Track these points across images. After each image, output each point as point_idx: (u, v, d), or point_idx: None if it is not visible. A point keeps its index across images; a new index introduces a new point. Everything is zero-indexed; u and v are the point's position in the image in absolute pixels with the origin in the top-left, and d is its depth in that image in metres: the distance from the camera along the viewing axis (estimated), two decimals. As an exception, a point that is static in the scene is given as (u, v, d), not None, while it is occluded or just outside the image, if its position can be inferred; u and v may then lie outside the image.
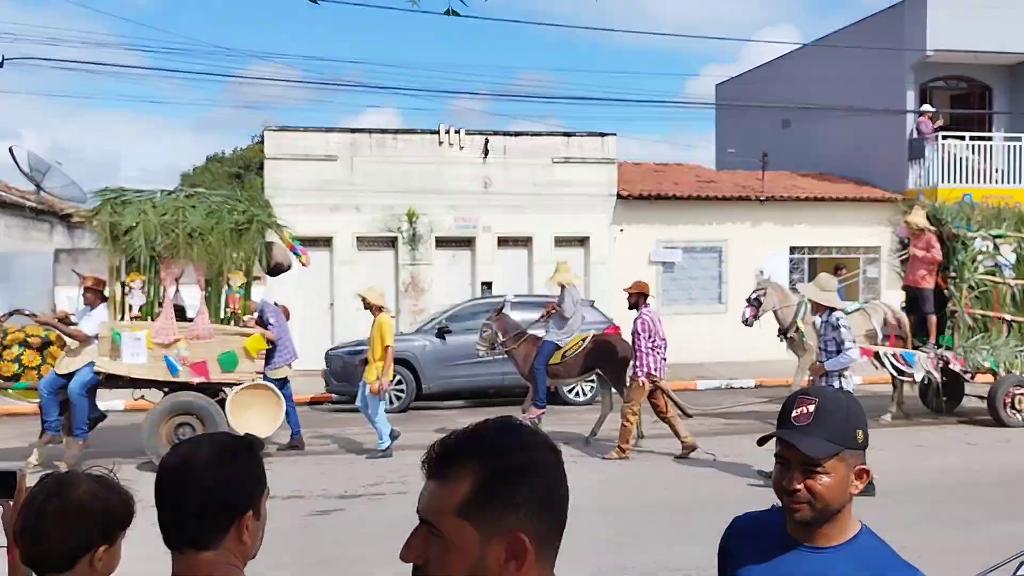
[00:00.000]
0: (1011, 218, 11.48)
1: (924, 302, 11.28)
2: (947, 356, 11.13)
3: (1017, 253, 11.38)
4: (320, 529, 6.92)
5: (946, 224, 11.19)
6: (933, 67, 18.59)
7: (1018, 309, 11.39)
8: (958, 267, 11.14)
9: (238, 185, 38.26)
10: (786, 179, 19.67)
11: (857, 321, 11.47)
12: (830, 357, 7.97)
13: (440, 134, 16.78)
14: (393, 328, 9.91)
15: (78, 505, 1.83)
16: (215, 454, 1.70)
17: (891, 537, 5.45)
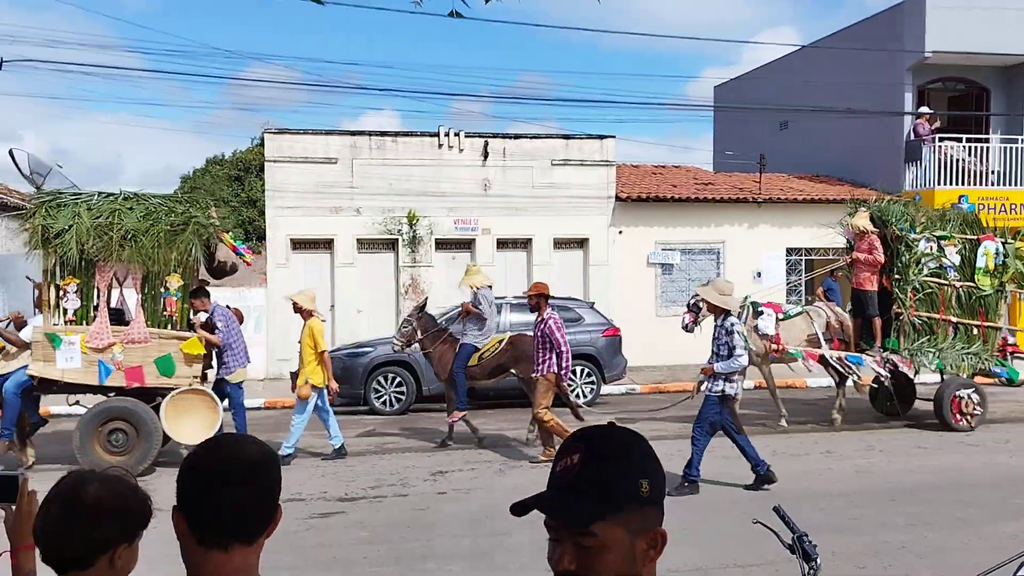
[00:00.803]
0: (955, 219, 11.35)
1: (868, 304, 11.18)
2: (892, 359, 11.03)
3: (962, 255, 11.20)
4: (321, 531, 6.95)
5: (890, 226, 11.08)
6: (930, 69, 18.65)
7: (963, 311, 11.22)
8: (902, 269, 11.00)
9: (238, 187, 38.27)
10: (783, 181, 19.72)
11: (799, 325, 11.51)
12: (721, 360, 7.98)
13: (439, 136, 16.83)
14: (325, 332, 9.75)
15: (100, 504, 1.84)
16: (263, 453, 1.74)
17: (890, 538, 5.55)
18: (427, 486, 8.42)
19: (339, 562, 6.21)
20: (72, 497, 1.85)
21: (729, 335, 7.99)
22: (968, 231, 11.31)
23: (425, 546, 6.56)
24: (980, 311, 11.25)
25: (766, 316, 11.26)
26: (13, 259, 16.01)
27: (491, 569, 6.05)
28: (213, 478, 1.67)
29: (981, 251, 11.13)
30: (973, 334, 11.24)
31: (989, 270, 11.16)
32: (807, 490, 8.11)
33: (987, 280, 11.17)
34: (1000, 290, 11.30)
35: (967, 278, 11.19)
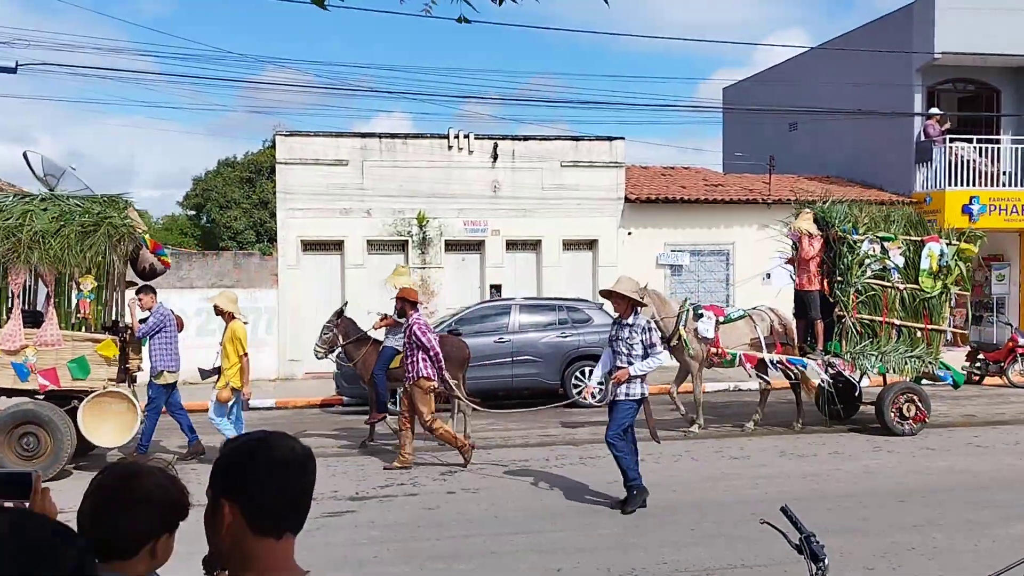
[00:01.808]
0: (900, 220, 11.15)
1: (810, 306, 11.07)
2: (834, 362, 10.86)
3: (906, 256, 11.01)
4: (331, 530, 7.00)
5: (833, 227, 10.92)
6: (941, 70, 18.59)
7: (908, 314, 11.03)
8: (844, 271, 10.82)
9: (249, 189, 38.43)
10: (793, 182, 19.68)
11: (742, 328, 11.32)
12: (633, 361, 7.48)
13: (449, 138, 16.88)
14: (247, 335, 9.48)
15: (145, 494, 1.90)
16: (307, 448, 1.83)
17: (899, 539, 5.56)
18: (437, 485, 8.47)
19: (349, 561, 6.25)
20: (119, 489, 1.91)
21: (646, 332, 7.50)
22: (912, 232, 11.11)
23: (435, 545, 6.60)
24: (924, 314, 11.06)
25: (706, 319, 11.09)
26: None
27: (500, 569, 6.09)
28: (276, 469, 1.75)
29: (925, 253, 10.92)
30: (917, 337, 11.04)
31: (933, 272, 10.94)
32: (815, 491, 8.12)
33: (931, 282, 10.95)
34: (944, 292, 11.06)
35: (911, 280, 10.98)
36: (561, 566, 6.09)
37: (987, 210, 17.61)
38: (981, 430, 11.25)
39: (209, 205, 38.75)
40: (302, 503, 1.78)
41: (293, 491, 1.76)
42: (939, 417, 12.19)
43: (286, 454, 1.77)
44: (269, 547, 1.73)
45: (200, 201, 39.85)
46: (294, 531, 1.77)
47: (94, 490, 1.93)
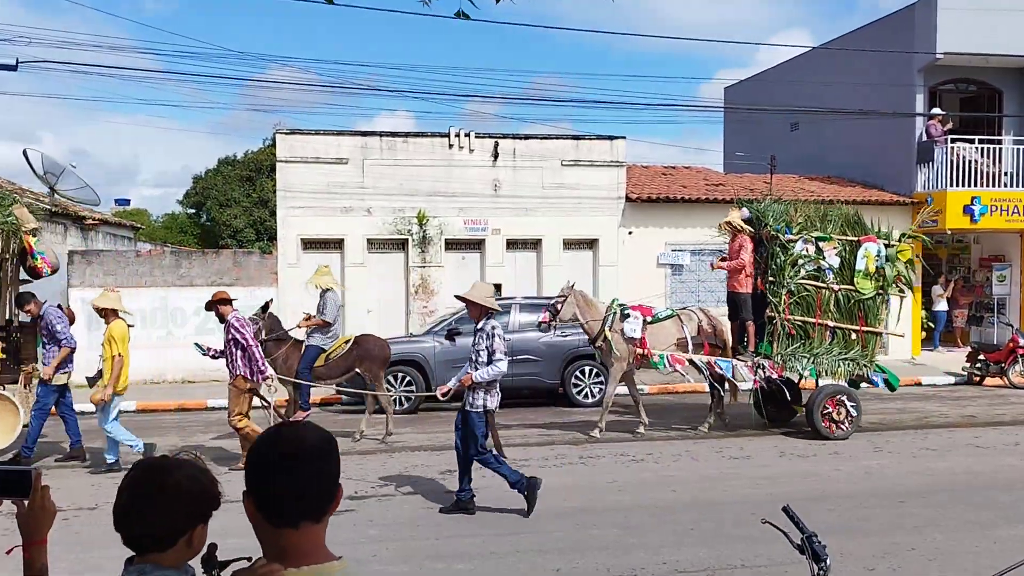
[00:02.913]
0: (836, 220, 10.88)
1: (742, 307, 10.86)
2: (764, 364, 10.62)
3: (841, 257, 10.72)
4: (330, 529, 6.93)
5: (766, 226, 10.70)
6: (943, 70, 18.56)
7: (843, 315, 10.73)
8: (777, 271, 10.57)
9: (249, 188, 38.41)
10: (794, 182, 19.67)
11: (669, 329, 11.05)
12: (480, 367, 7.35)
13: (450, 137, 16.86)
14: (128, 336, 9.16)
15: (179, 487, 1.95)
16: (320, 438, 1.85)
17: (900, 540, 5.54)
18: (436, 485, 8.45)
19: (348, 560, 6.22)
20: (154, 483, 1.95)
21: (490, 339, 7.36)
22: (849, 232, 10.84)
23: (434, 545, 6.58)
24: (859, 315, 10.78)
25: (632, 319, 10.81)
26: (27, 258, 16.13)
27: (499, 568, 6.07)
28: (275, 465, 1.79)
29: (861, 253, 10.68)
30: (851, 339, 10.76)
31: (870, 273, 10.69)
32: (816, 491, 8.10)
33: (867, 283, 10.70)
34: (881, 294, 10.84)
35: (847, 281, 10.71)
36: (560, 566, 6.07)
37: (988, 211, 17.58)
38: (982, 431, 11.23)
39: (209, 203, 38.74)
40: (314, 492, 1.79)
41: (300, 482, 1.77)
42: (939, 418, 12.18)
43: (292, 447, 1.80)
44: (288, 536, 1.78)
45: (200, 199, 39.84)
46: (314, 519, 1.79)
47: (127, 486, 1.97)
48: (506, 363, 7.44)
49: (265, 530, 1.79)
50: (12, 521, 2.21)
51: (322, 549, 1.82)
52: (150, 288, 15.87)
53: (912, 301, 18.64)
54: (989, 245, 20.41)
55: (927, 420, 12.03)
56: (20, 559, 2.06)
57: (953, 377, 15.83)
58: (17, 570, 2.10)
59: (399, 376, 13.16)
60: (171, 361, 15.63)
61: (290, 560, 1.77)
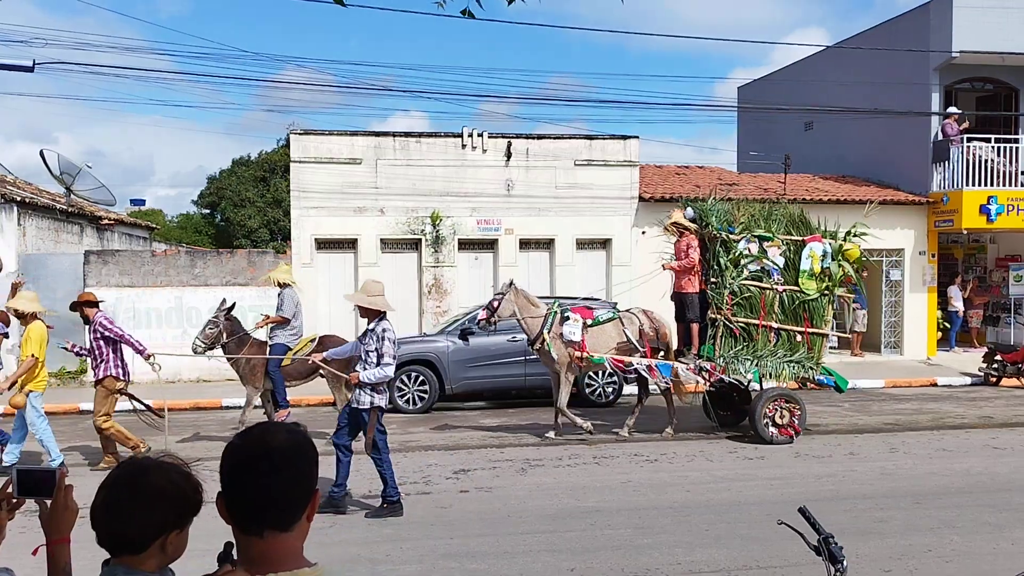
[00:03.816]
0: (781, 219, 10.64)
1: (688, 308, 10.64)
2: (706, 366, 10.39)
3: (786, 256, 10.49)
4: (344, 528, 7.01)
5: (707, 226, 10.47)
6: (958, 69, 18.43)
7: (787, 316, 10.49)
8: (719, 271, 10.36)
9: (263, 188, 38.56)
10: (809, 182, 19.58)
11: (609, 331, 10.77)
12: (369, 368, 7.30)
13: (463, 137, 16.88)
14: (46, 338, 9.03)
15: (156, 490, 1.90)
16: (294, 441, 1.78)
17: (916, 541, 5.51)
18: (449, 484, 8.46)
19: (363, 559, 6.25)
20: (132, 484, 1.91)
21: (380, 341, 7.30)
22: (794, 231, 10.63)
23: (447, 544, 6.59)
24: (805, 316, 10.55)
25: (572, 322, 10.55)
26: (44, 258, 16.27)
27: (513, 568, 6.07)
28: (242, 467, 1.73)
29: (806, 253, 10.46)
30: (797, 341, 10.53)
31: (815, 273, 10.47)
32: (832, 492, 8.06)
33: (813, 283, 10.47)
34: (827, 294, 10.59)
35: (791, 281, 10.50)
36: (574, 566, 6.06)
37: (1005, 210, 17.44)
38: (998, 432, 11.14)
39: (223, 204, 38.95)
40: (280, 500, 1.71)
41: (265, 489, 1.70)
42: (956, 419, 12.10)
43: (257, 451, 1.72)
44: (254, 544, 1.72)
45: (214, 200, 40.07)
46: (280, 528, 1.72)
47: (107, 485, 1.93)
48: (393, 368, 7.39)
49: (236, 535, 1.74)
50: (32, 520, 2.23)
51: (293, 556, 1.73)
52: (165, 288, 15.96)
53: (927, 301, 18.61)
54: (1006, 245, 20.25)
55: (943, 421, 11.94)
56: (44, 558, 2.08)
57: (969, 378, 15.72)
58: (40, 569, 2.12)
59: (413, 376, 13.18)
60: (186, 361, 15.69)
61: (257, 567, 1.70)
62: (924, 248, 18.49)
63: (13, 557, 2.41)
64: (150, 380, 15.54)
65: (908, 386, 15.34)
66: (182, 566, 2.04)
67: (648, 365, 10.54)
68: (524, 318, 10.68)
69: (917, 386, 15.38)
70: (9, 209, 15.78)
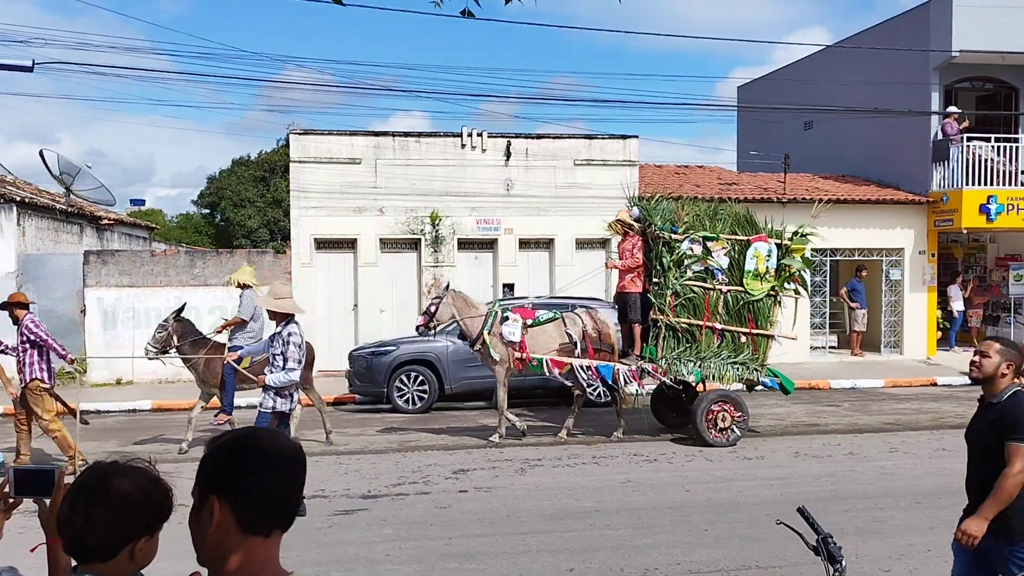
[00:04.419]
0: (726, 219, 10.50)
1: (630, 308, 10.50)
2: (647, 368, 10.26)
3: (731, 257, 10.35)
4: (344, 528, 7.01)
5: (650, 225, 10.33)
6: (958, 68, 18.42)
7: (732, 317, 10.36)
8: (662, 272, 10.22)
9: (263, 188, 38.56)
10: (808, 181, 19.58)
11: (551, 332, 10.68)
12: (275, 371, 7.22)
13: (463, 137, 16.87)
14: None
15: (123, 496, 1.85)
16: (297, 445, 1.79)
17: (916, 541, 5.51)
18: (449, 484, 8.46)
19: (362, 559, 6.25)
20: (97, 489, 1.86)
21: (285, 345, 7.21)
22: (739, 231, 10.47)
23: (447, 544, 6.59)
24: (749, 317, 10.41)
25: (511, 322, 10.46)
26: (43, 258, 16.27)
27: (512, 568, 6.07)
28: (271, 465, 1.70)
29: (751, 253, 10.31)
30: (741, 342, 10.37)
31: (760, 273, 10.33)
32: (831, 492, 8.06)
33: (757, 284, 10.33)
34: (773, 295, 10.44)
35: (736, 282, 10.35)
36: (573, 566, 6.06)
37: (1005, 209, 17.44)
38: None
39: (223, 204, 38.95)
40: (294, 500, 1.75)
41: (287, 487, 1.72)
42: (955, 418, 12.10)
43: (279, 450, 1.73)
44: (256, 545, 1.68)
45: (214, 200, 40.08)
46: (283, 528, 1.73)
47: (73, 491, 1.89)
48: (299, 372, 7.30)
49: (229, 537, 1.67)
50: (29, 519, 2.22)
51: (277, 563, 1.72)
52: (165, 288, 15.96)
53: (927, 300, 18.61)
54: (1005, 244, 20.25)
55: (943, 420, 11.95)
56: (43, 557, 2.08)
57: (969, 377, 15.69)
58: (38, 568, 2.12)
59: (412, 376, 13.19)
60: (185, 360, 15.71)
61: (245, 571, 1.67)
62: (924, 248, 18.49)
63: (13, 557, 2.41)
64: (149, 380, 15.57)
65: (908, 386, 15.34)
66: (169, 568, 2.03)
67: (588, 366, 10.40)
68: (464, 320, 10.60)
69: (917, 386, 15.38)
70: (9, 209, 15.78)
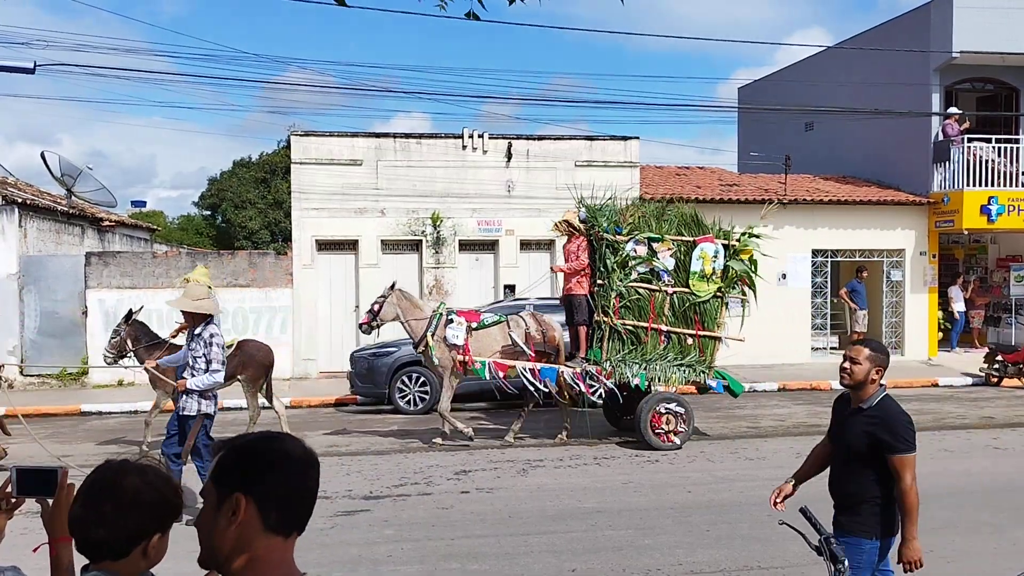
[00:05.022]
0: (672, 220, 10.37)
1: (576, 310, 10.39)
2: (591, 370, 10.12)
3: (676, 258, 10.22)
4: (346, 530, 7.01)
5: (596, 226, 10.22)
6: (959, 69, 18.42)
7: (678, 319, 10.23)
8: (606, 273, 10.09)
9: (264, 189, 38.57)
10: (809, 182, 19.58)
11: (495, 336, 10.58)
12: (197, 374, 7.09)
13: (464, 138, 16.88)
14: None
15: (136, 494, 1.86)
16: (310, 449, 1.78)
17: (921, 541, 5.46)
18: (451, 485, 8.47)
19: (364, 560, 6.26)
20: (110, 488, 1.87)
21: (208, 346, 7.09)
22: (685, 232, 10.35)
23: (449, 545, 6.59)
24: (696, 319, 10.29)
25: (455, 325, 10.38)
26: (45, 260, 16.28)
27: (514, 569, 6.08)
28: (297, 465, 1.71)
29: (696, 254, 10.20)
30: (687, 344, 10.24)
31: (706, 275, 10.22)
32: (832, 493, 8.05)
33: (703, 285, 10.23)
34: (720, 296, 10.33)
35: (682, 283, 10.23)
36: (576, 566, 6.07)
37: (1006, 210, 17.44)
38: (1000, 432, 11.14)
39: (224, 205, 38.96)
40: (311, 502, 1.75)
41: (308, 489, 1.73)
42: (957, 419, 12.10)
43: (300, 452, 1.74)
44: (276, 545, 1.68)
45: (215, 201, 40.08)
46: (300, 531, 1.73)
47: (84, 489, 1.90)
48: (223, 374, 7.18)
49: (251, 535, 1.65)
50: (34, 521, 2.23)
51: (293, 564, 1.73)
52: (166, 289, 15.95)
53: (928, 301, 18.61)
54: (1006, 245, 20.25)
55: (944, 421, 11.94)
56: (46, 557, 2.09)
57: (970, 378, 15.71)
58: (41, 568, 2.13)
59: (413, 376, 13.19)
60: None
61: (265, 571, 1.67)
62: (925, 248, 18.49)
63: (16, 558, 2.41)
64: (151, 381, 15.56)
65: (909, 386, 15.33)
66: (177, 567, 2.04)
67: (532, 369, 10.30)
68: (408, 321, 10.52)
69: (918, 386, 15.37)
70: (10, 211, 15.79)
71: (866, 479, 4.01)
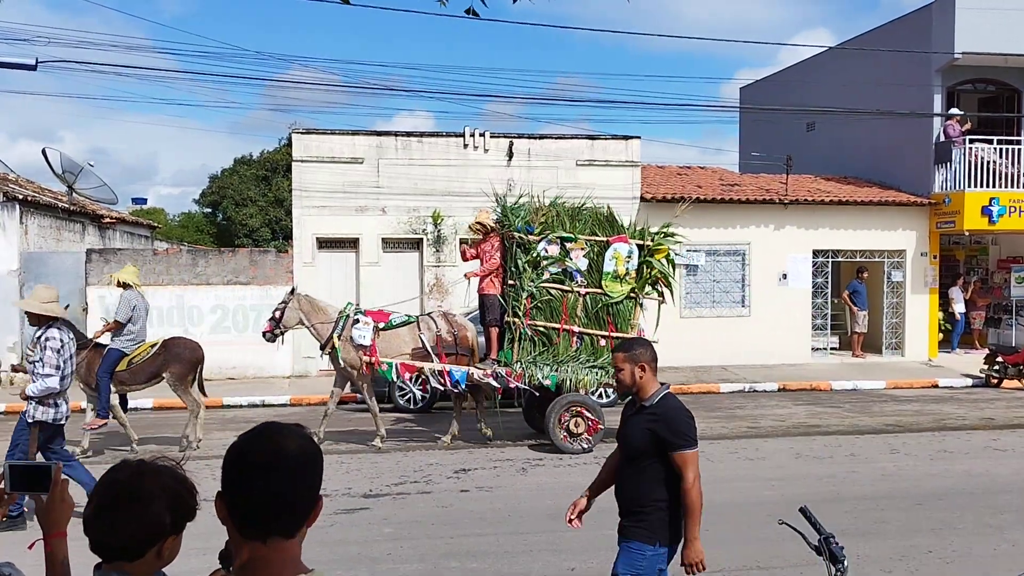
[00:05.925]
0: (587, 220, 10.20)
1: (488, 311, 10.25)
2: (501, 372, 9.99)
3: (590, 258, 10.07)
4: (345, 527, 7.01)
5: (507, 226, 10.10)
6: (960, 70, 18.41)
7: (590, 320, 10.06)
8: (517, 273, 9.96)
9: (265, 187, 38.56)
10: (810, 183, 19.57)
11: (404, 337, 10.49)
12: (36, 380, 6.86)
13: (465, 137, 16.88)
14: None
15: (152, 496, 1.85)
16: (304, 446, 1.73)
17: (917, 542, 5.50)
18: (450, 483, 8.47)
19: (364, 558, 6.26)
20: (126, 488, 1.86)
21: (42, 350, 6.83)
22: (599, 232, 10.19)
23: (448, 543, 6.59)
24: (609, 320, 10.10)
25: (362, 325, 10.29)
26: (46, 256, 16.28)
27: (513, 567, 6.08)
28: (254, 470, 1.67)
29: (610, 254, 10.04)
30: (600, 345, 10.02)
31: (619, 275, 10.05)
32: (833, 493, 8.06)
33: (617, 286, 10.05)
34: (633, 297, 10.15)
35: (595, 284, 10.05)
36: (575, 565, 6.07)
37: (1007, 212, 17.42)
38: (1000, 433, 11.13)
39: (225, 203, 38.97)
40: (292, 505, 1.68)
41: (276, 494, 1.65)
42: (957, 420, 12.10)
43: (269, 455, 1.67)
44: (254, 549, 1.67)
45: (216, 198, 40.08)
46: (285, 535, 1.68)
47: (99, 491, 1.89)
48: (56, 379, 6.87)
49: (234, 537, 1.68)
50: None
51: (293, 563, 1.69)
52: (167, 287, 15.97)
53: (929, 302, 18.60)
54: (1007, 246, 20.24)
55: (944, 422, 11.94)
56: (41, 552, 2.09)
57: (970, 379, 15.70)
58: (36, 565, 2.13)
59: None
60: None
61: (254, 573, 1.66)
62: (926, 249, 18.48)
63: (12, 555, 2.41)
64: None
65: (909, 387, 15.33)
66: (181, 565, 2.04)
67: (441, 371, 10.19)
68: (313, 324, 10.43)
69: (918, 387, 15.37)
70: (11, 207, 15.80)
71: (651, 481, 3.97)
